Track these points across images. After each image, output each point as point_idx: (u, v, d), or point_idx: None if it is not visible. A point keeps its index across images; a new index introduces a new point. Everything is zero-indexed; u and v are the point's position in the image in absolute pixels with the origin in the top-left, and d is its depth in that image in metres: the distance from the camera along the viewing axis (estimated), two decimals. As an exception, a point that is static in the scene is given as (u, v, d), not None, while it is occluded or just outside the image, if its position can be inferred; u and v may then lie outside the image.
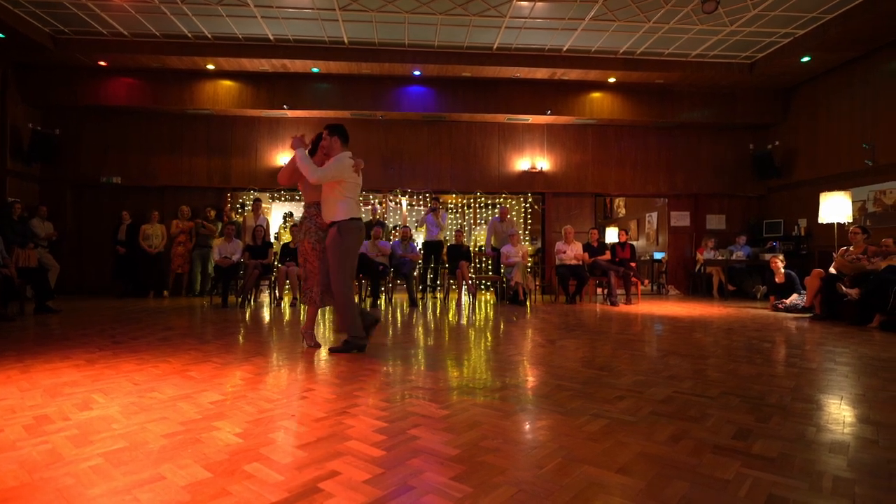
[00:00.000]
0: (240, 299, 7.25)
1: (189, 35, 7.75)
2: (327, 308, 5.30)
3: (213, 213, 8.72)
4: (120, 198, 9.04)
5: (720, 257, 8.85)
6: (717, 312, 6.56)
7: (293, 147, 3.62)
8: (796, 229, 8.86)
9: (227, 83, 8.80)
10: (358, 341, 3.58)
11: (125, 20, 7.23)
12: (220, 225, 8.60)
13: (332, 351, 3.60)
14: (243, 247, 7.54)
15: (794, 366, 3.30)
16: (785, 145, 9.36)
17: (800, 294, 6.63)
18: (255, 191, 9.32)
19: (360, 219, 3.64)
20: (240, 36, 7.79)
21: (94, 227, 9.00)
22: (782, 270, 7.01)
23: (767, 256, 8.00)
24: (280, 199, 10.43)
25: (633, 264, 7.99)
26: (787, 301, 6.66)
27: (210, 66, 8.45)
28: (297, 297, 7.39)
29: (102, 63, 8.28)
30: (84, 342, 3.96)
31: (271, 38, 7.85)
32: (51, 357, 3.37)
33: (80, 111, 8.86)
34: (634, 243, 10.95)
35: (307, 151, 3.66)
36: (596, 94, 9.30)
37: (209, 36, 7.78)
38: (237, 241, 7.56)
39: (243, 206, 9.47)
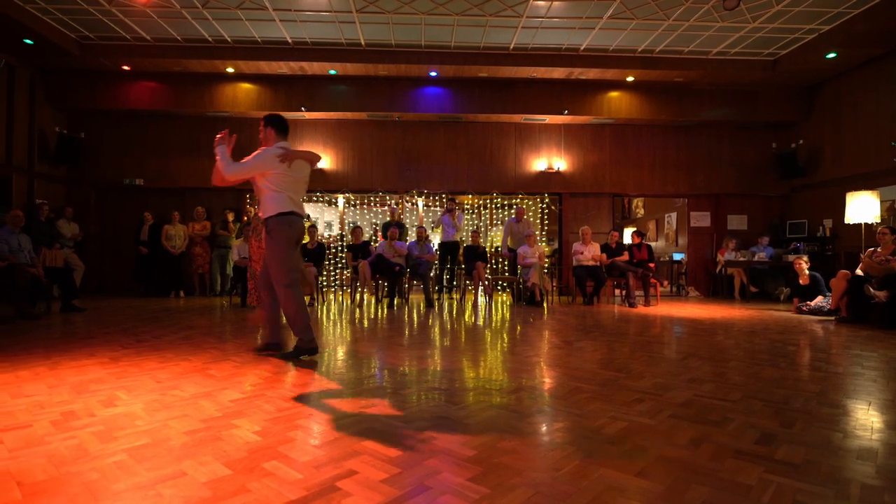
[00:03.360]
0: (258, 299, 7.33)
1: (209, 39, 7.88)
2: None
3: (231, 214, 8.85)
4: (141, 199, 9.23)
5: (742, 258, 8.67)
6: (738, 314, 6.44)
7: (215, 146, 3.40)
8: (821, 230, 8.64)
9: (246, 86, 8.92)
10: (307, 344, 3.36)
11: (148, 25, 7.39)
12: (238, 226, 8.73)
13: (282, 357, 3.38)
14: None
15: (820, 370, 3.22)
16: (809, 144, 9.14)
17: (825, 296, 6.47)
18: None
19: (291, 213, 3.34)
20: (258, 39, 7.90)
21: (117, 227, 9.20)
22: (807, 272, 6.84)
23: (791, 258, 7.82)
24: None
25: (651, 265, 7.89)
26: (812, 303, 6.50)
27: (229, 70, 8.58)
28: (314, 296, 7.46)
29: (126, 67, 8.46)
30: (108, 340, 4.06)
31: (289, 40, 7.94)
32: (77, 354, 3.46)
33: (104, 114, 9.06)
34: (653, 244, 10.80)
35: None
36: (614, 94, 9.20)
37: (229, 40, 7.90)
38: (256, 241, 7.65)
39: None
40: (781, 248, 8.94)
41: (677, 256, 10.41)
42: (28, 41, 7.30)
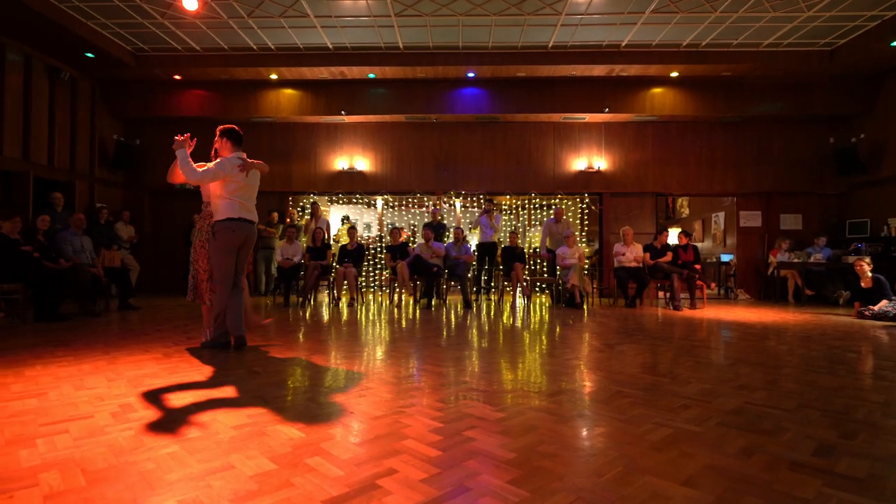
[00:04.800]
0: (301, 299, 7.54)
1: (254, 47, 8.16)
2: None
3: (275, 216, 9.12)
4: (192, 202, 9.63)
5: (796, 259, 8.24)
6: (792, 319, 6.12)
7: (175, 148, 3.61)
8: (886, 230, 8.09)
9: (289, 91, 9.19)
10: (219, 339, 3.72)
11: (197, 36, 7.73)
12: (281, 227, 8.98)
13: (202, 346, 3.76)
14: (304, 248, 7.84)
15: (885, 378, 3.01)
16: (871, 138, 8.58)
17: (890, 300, 6.06)
18: (314, 194, 9.67)
19: (239, 219, 3.66)
20: (300, 46, 8.12)
21: (168, 229, 9.66)
22: (869, 274, 6.43)
23: (852, 259, 7.37)
24: (339, 203, 10.74)
25: (697, 266, 7.60)
26: (876, 308, 6.10)
27: (273, 76, 8.86)
28: (354, 297, 7.59)
29: (177, 76, 8.88)
30: (161, 337, 4.26)
31: (330, 46, 8.12)
32: (133, 350, 3.65)
33: (157, 121, 9.54)
34: (699, 245, 10.41)
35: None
36: (657, 90, 8.93)
37: (272, 47, 8.17)
38: (298, 243, 7.87)
39: (303, 209, 9.83)
40: (840, 248, 8.43)
41: (725, 258, 10.00)
42: (89, 54, 7.78)
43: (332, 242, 8.76)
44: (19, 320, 5.24)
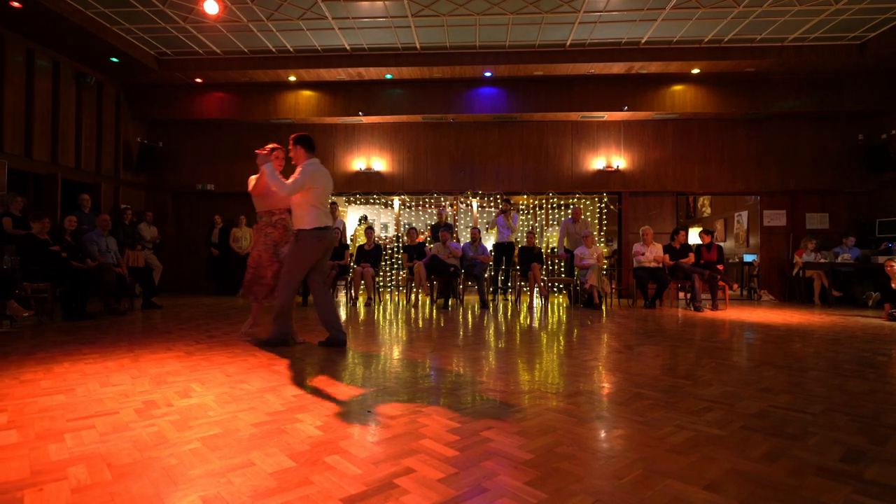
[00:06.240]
0: (319, 298, 7.59)
1: (273, 49, 8.27)
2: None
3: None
4: (213, 203, 9.81)
5: (823, 260, 8.02)
6: (818, 321, 5.96)
7: (260, 162, 3.74)
8: (917, 228, 7.84)
9: (307, 93, 9.28)
10: (277, 337, 3.86)
11: (218, 39, 7.86)
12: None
13: (260, 344, 3.92)
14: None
15: (916, 382, 2.92)
16: (902, 134, 8.31)
17: (921, 301, 5.86)
18: (332, 195, 9.75)
19: (325, 228, 3.70)
20: (318, 48, 8.19)
21: (191, 230, 9.84)
22: (899, 275, 6.22)
23: (882, 259, 7.14)
24: (356, 203, 10.82)
25: (720, 267, 7.46)
26: (906, 309, 5.91)
27: (292, 78, 8.96)
28: (371, 296, 7.63)
29: (198, 80, 9.04)
30: (183, 335, 4.34)
31: (347, 47, 8.18)
32: (156, 348, 3.72)
33: (179, 124, 9.72)
34: (721, 244, 10.22)
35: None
36: (677, 87, 8.79)
37: (291, 49, 8.26)
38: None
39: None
40: (870, 248, 8.19)
41: (748, 258, 9.79)
42: (114, 59, 7.97)
43: (348, 243, 8.81)
44: (48, 318, 5.40)
